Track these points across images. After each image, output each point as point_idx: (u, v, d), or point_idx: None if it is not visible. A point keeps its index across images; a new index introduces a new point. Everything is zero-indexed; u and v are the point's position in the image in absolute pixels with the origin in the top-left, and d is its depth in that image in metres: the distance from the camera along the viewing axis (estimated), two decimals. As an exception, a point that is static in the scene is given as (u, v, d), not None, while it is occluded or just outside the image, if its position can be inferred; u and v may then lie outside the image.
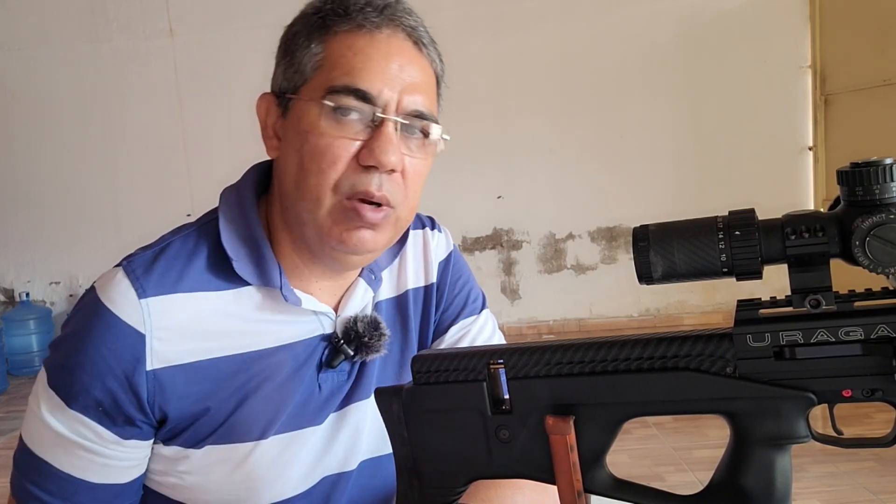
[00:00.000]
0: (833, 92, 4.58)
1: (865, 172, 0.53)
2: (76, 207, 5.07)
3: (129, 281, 0.84)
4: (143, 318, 0.82)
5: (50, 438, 0.84)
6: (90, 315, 0.83)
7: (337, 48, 0.84)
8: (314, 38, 0.86)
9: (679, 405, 0.60)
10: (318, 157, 0.83)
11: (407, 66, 0.85)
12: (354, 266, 0.92)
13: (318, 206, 0.84)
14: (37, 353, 4.92)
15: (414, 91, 0.85)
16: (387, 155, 0.82)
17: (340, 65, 0.83)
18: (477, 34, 4.79)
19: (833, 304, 0.55)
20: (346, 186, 0.83)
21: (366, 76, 0.82)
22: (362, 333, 0.91)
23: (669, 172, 4.82)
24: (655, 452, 3.00)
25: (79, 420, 0.83)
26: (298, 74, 0.86)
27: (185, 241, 0.89)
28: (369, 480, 0.96)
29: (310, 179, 0.84)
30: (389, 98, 0.83)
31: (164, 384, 0.83)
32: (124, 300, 0.83)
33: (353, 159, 0.83)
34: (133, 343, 0.82)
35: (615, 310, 4.97)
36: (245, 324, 0.87)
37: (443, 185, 4.80)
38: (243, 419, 0.87)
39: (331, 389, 0.92)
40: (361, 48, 0.83)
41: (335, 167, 0.83)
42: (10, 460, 0.91)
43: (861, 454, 2.66)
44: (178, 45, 4.92)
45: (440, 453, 0.67)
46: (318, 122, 0.83)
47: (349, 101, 0.82)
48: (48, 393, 0.83)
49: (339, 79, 0.83)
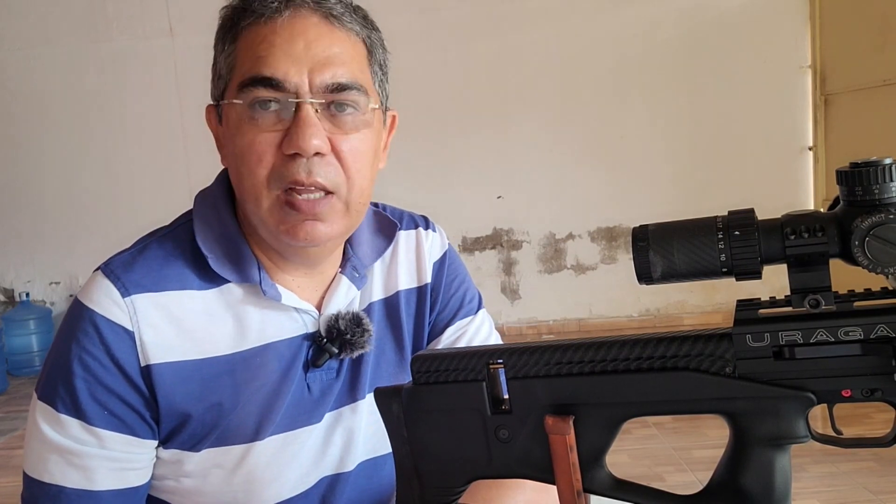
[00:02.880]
0: (833, 92, 4.57)
1: (865, 172, 0.52)
2: (76, 207, 5.07)
3: (110, 281, 0.83)
4: (130, 316, 0.82)
5: (59, 458, 0.82)
6: (76, 322, 0.83)
7: (244, 44, 0.84)
8: (227, 39, 0.86)
9: (679, 405, 0.60)
10: (246, 157, 0.82)
11: (314, 43, 0.82)
12: (322, 257, 0.91)
13: (259, 205, 0.83)
14: (37, 353, 4.92)
15: (327, 65, 0.82)
16: (306, 139, 0.80)
17: (247, 58, 0.83)
18: (477, 34, 4.79)
19: (832, 304, 0.55)
20: (275, 179, 0.82)
21: (270, 62, 0.81)
22: (344, 331, 0.91)
23: (669, 172, 4.82)
24: (655, 452, 2.99)
25: (87, 430, 0.82)
26: (221, 79, 0.86)
27: (161, 243, 0.89)
28: (368, 481, 0.96)
29: (245, 181, 0.83)
30: (299, 80, 0.81)
31: (155, 380, 0.83)
32: (108, 301, 0.82)
33: (277, 151, 0.82)
34: (123, 340, 0.82)
35: (615, 310, 4.96)
36: (227, 322, 0.87)
37: (443, 185, 4.81)
38: (235, 420, 0.86)
39: (321, 389, 0.92)
40: (265, 36, 0.82)
41: (262, 163, 0.82)
42: (10, 461, 0.91)
43: (861, 454, 2.66)
44: (178, 45, 4.91)
45: (440, 453, 0.67)
46: (239, 122, 0.83)
47: (259, 92, 0.81)
48: (49, 413, 0.82)
49: (246, 72, 0.82)
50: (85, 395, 0.81)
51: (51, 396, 0.82)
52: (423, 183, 4.38)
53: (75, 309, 0.84)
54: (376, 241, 0.98)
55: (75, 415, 0.81)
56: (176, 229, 0.90)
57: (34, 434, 0.83)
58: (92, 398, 0.81)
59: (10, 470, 3.31)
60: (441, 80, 4.68)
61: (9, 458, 3.47)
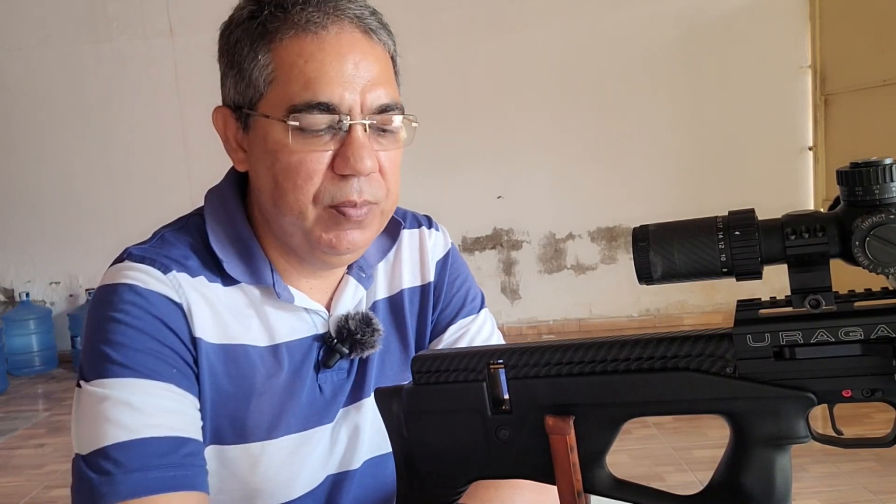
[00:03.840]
0: (833, 92, 4.57)
1: (865, 172, 0.52)
2: (76, 207, 5.07)
3: (146, 263, 0.82)
4: (176, 289, 0.81)
5: (125, 411, 0.76)
6: (111, 299, 0.80)
7: (286, 57, 0.80)
8: (259, 48, 0.82)
9: (679, 405, 0.60)
10: (292, 174, 0.81)
11: (362, 62, 0.82)
12: (343, 265, 0.92)
13: (303, 218, 0.83)
14: (37, 353, 4.93)
15: (375, 86, 0.82)
16: (362, 162, 0.80)
17: (294, 76, 0.80)
18: (477, 34, 4.79)
19: (833, 304, 0.55)
20: (326, 197, 0.82)
21: (324, 86, 0.79)
22: (354, 331, 0.91)
23: (669, 172, 4.82)
24: (655, 452, 2.99)
25: (148, 385, 0.78)
26: (252, 88, 0.83)
27: (177, 236, 0.88)
28: (373, 479, 0.97)
29: (287, 196, 0.82)
30: (352, 102, 0.80)
31: (200, 355, 0.82)
32: (150, 277, 0.81)
33: (328, 170, 0.81)
34: (173, 310, 0.81)
35: (615, 310, 4.96)
36: (242, 319, 0.87)
37: (443, 185, 4.81)
38: (250, 417, 0.87)
39: (332, 389, 0.93)
40: (312, 54, 0.80)
41: (311, 181, 0.81)
42: (10, 461, 0.90)
43: (861, 454, 2.66)
44: (178, 45, 4.91)
45: (440, 453, 0.67)
46: (285, 140, 0.81)
47: (313, 117, 0.79)
48: (96, 388, 0.77)
49: (298, 95, 0.79)
50: (138, 353, 0.78)
51: (99, 369, 0.78)
52: (424, 183, 4.38)
53: (106, 292, 0.80)
54: (381, 241, 0.98)
55: (131, 374, 0.78)
56: (188, 226, 0.90)
57: (88, 412, 0.77)
58: (148, 353, 0.78)
59: (11, 470, 3.31)
60: (441, 80, 4.67)
61: (9, 458, 3.47)
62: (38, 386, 4.74)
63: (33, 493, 2.97)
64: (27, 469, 3.25)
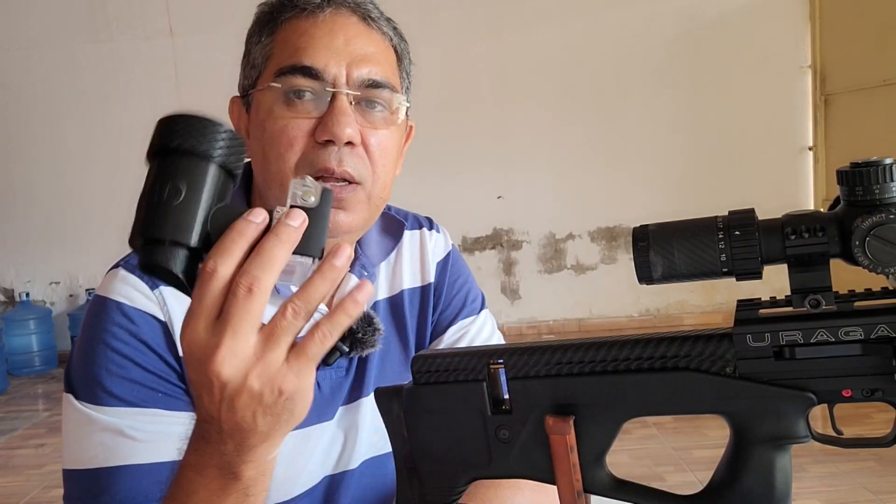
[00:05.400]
0: (833, 92, 4.57)
1: (865, 172, 0.52)
2: (76, 207, 5.07)
3: (136, 276, 0.83)
4: (161, 307, 0.82)
5: (111, 438, 0.80)
6: (102, 317, 0.82)
7: (283, 35, 0.86)
8: (264, 31, 0.88)
9: (679, 405, 0.60)
10: (276, 142, 0.83)
11: (353, 40, 0.85)
12: None
13: (284, 190, 0.83)
14: (37, 353, 4.93)
15: (364, 61, 0.85)
16: (340, 126, 0.81)
17: (286, 48, 0.85)
18: (477, 34, 4.79)
19: (833, 304, 0.55)
20: (305, 166, 0.83)
21: (311, 52, 0.83)
22: (356, 329, 0.91)
23: (669, 172, 4.82)
24: (655, 452, 2.99)
25: (135, 413, 0.80)
26: (254, 69, 0.88)
27: None
28: (371, 479, 0.97)
29: (272, 166, 0.84)
30: (337, 72, 0.83)
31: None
32: (136, 293, 0.82)
33: (309, 137, 0.83)
34: (156, 330, 0.82)
35: (615, 310, 4.96)
36: None
37: (443, 185, 4.81)
38: None
39: (331, 387, 0.93)
40: (305, 30, 0.85)
41: (293, 148, 0.83)
42: (10, 461, 0.90)
43: (861, 454, 2.66)
44: (178, 45, 4.91)
45: (440, 453, 0.67)
46: (272, 107, 0.84)
47: (297, 80, 0.83)
48: (90, 409, 0.80)
49: (285, 61, 0.84)
50: (126, 382, 0.80)
51: (90, 393, 0.81)
52: (424, 183, 4.38)
53: (99, 305, 0.83)
54: (384, 241, 0.99)
55: (120, 403, 0.80)
56: None
57: (76, 427, 0.81)
58: (133, 382, 0.80)
59: (11, 470, 3.31)
60: (441, 80, 4.67)
61: (9, 458, 3.47)
62: (38, 386, 4.75)
63: (33, 493, 2.97)
64: (27, 469, 3.25)
